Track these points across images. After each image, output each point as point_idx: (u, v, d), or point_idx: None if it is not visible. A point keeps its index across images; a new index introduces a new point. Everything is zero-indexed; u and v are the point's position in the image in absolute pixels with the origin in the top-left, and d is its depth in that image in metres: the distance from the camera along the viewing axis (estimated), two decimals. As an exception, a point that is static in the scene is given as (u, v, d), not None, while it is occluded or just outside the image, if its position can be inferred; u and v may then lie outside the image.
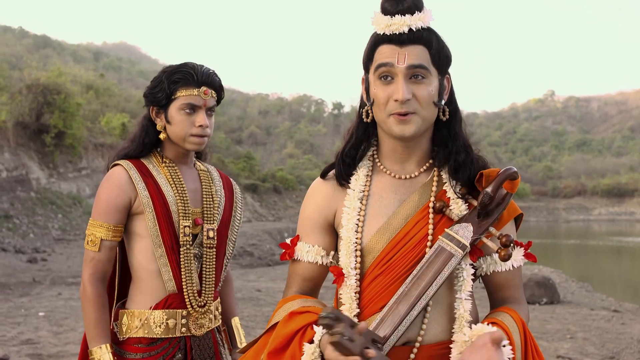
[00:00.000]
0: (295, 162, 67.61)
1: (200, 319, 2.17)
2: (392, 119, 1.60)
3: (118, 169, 2.15)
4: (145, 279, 2.14)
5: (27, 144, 22.67)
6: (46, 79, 23.76)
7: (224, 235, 2.27)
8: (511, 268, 1.66)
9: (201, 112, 2.13)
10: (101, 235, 2.11)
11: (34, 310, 8.52)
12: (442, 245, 1.59)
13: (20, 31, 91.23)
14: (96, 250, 2.11)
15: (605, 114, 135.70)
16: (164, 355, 2.11)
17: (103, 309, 2.11)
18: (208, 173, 2.30)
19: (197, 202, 2.21)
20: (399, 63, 1.57)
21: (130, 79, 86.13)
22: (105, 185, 2.14)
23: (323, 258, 1.74)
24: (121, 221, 2.13)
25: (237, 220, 2.35)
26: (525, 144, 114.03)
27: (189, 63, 2.15)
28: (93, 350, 2.07)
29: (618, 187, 75.22)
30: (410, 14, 1.58)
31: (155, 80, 2.16)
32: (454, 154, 1.66)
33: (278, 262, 17.51)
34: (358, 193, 1.70)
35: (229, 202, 2.33)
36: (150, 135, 2.20)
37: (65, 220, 21.13)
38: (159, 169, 2.19)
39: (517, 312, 1.63)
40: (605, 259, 25.52)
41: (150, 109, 2.18)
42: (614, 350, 7.01)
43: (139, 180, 2.12)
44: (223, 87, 2.22)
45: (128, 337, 2.12)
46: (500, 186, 1.59)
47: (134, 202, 2.13)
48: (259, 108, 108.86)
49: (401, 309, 1.55)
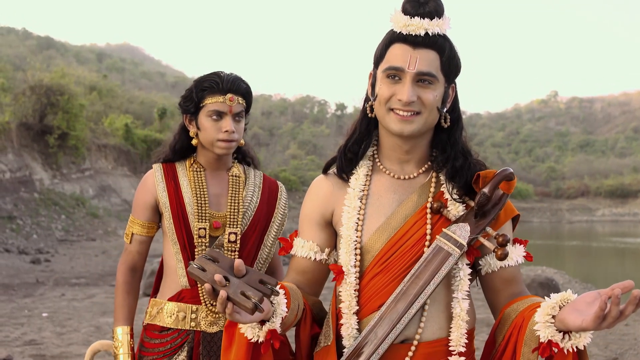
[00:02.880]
0: (298, 163, 67.60)
1: (212, 317, 2.24)
2: (392, 115, 1.63)
3: (149, 171, 2.36)
4: (168, 273, 2.31)
5: (31, 145, 22.73)
6: (49, 80, 23.83)
7: (252, 238, 2.31)
8: (517, 263, 1.68)
9: (227, 118, 2.22)
10: (132, 230, 2.34)
11: (37, 311, 8.54)
12: (440, 245, 1.62)
13: (24, 32, 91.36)
14: (128, 242, 2.36)
15: (609, 114, 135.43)
16: (172, 344, 2.23)
17: (127, 295, 2.34)
18: (239, 178, 2.36)
19: (220, 206, 2.30)
20: (409, 68, 1.59)
21: (134, 80, 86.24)
22: (139, 185, 2.38)
23: (317, 254, 1.77)
24: (151, 218, 2.33)
25: (277, 226, 2.40)
26: (529, 144, 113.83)
27: (218, 72, 2.26)
28: (114, 330, 2.31)
29: (621, 188, 75.01)
30: (429, 19, 1.60)
31: (187, 90, 2.30)
32: (452, 158, 1.69)
33: (284, 262, 17.51)
34: (358, 192, 1.72)
35: (266, 207, 2.38)
36: (181, 142, 2.35)
37: (69, 221, 21.17)
38: (186, 172, 2.32)
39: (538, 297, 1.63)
40: (609, 260, 25.45)
41: (184, 117, 2.32)
42: (617, 351, 7.00)
43: (160, 182, 2.30)
44: (251, 93, 2.31)
45: (148, 323, 2.30)
46: (496, 187, 1.61)
47: (159, 202, 2.30)
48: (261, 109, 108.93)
49: (399, 307, 1.58)
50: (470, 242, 1.62)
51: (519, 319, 1.58)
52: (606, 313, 1.37)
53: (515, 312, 1.61)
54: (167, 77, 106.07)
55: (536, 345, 1.51)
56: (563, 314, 1.46)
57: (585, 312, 1.41)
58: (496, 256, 1.60)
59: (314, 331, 1.76)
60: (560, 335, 1.48)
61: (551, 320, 1.48)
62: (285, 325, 1.57)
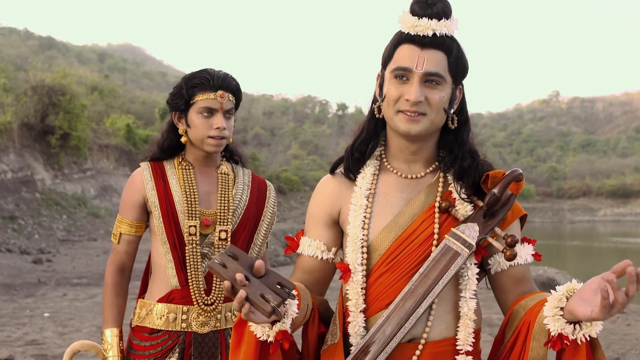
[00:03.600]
0: (299, 163, 67.58)
1: (204, 317, 2.21)
2: (400, 116, 1.63)
3: (137, 170, 2.33)
4: (157, 273, 2.27)
5: (32, 145, 22.75)
6: (51, 80, 23.84)
7: (242, 237, 2.30)
8: (526, 262, 1.68)
9: (218, 115, 2.21)
10: (121, 230, 2.30)
11: (39, 311, 8.55)
12: (449, 244, 1.62)
13: (26, 33, 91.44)
14: (116, 242, 2.31)
15: (610, 114, 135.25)
16: (163, 346, 2.20)
17: (116, 296, 2.29)
18: (229, 176, 2.34)
19: (210, 203, 2.28)
20: (417, 68, 1.60)
21: (135, 80, 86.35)
22: (126, 184, 2.34)
23: (323, 253, 1.76)
24: (139, 218, 2.29)
25: (266, 224, 2.37)
26: (530, 144, 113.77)
27: (207, 69, 2.24)
28: (103, 332, 2.26)
29: (623, 187, 74.93)
30: (437, 19, 1.61)
31: (176, 87, 2.27)
32: (459, 159, 1.69)
33: (282, 262, 17.53)
34: (365, 191, 1.72)
35: (255, 206, 2.36)
36: (170, 140, 2.32)
37: (70, 221, 21.19)
38: (175, 171, 2.29)
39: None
40: (611, 260, 25.41)
41: (173, 114, 2.29)
42: (619, 351, 6.99)
43: (149, 181, 2.27)
44: (240, 90, 2.30)
45: (136, 325, 2.26)
46: (506, 187, 1.61)
47: (148, 201, 2.26)
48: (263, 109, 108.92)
49: (408, 306, 1.58)
50: (479, 242, 1.62)
51: (528, 315, 1.58)
52: (612, 301, 1.37)
53: (524, 308, 1.61)
54: (169, 77, 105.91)
55: (546, 339, 1.51)
56: (572, 305, 1.46)
57: (593, 301, 1.41)
58: (505, 257, 1.61)
59: (320, 330, 1.75)
60: (570, 327, 1.48)
61: (560, 312, 1.48)
62: (294, 325, 1.57)
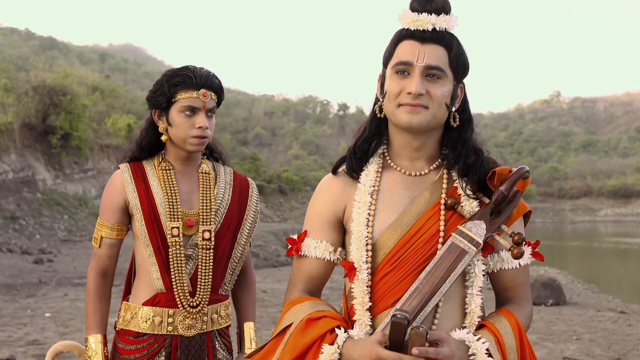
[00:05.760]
0: (300, 163, 67.64)
1: (190, 320, 2.18)
2: (401, 108, 1.63)
3: (117, 172, 2.26)
4: (141, 276, 2.22)
5: (34, 145, 22.76)
6: (52, 80, 23.86)
7: (226, 237, 2.25)
8: (518, 266, 1.69)
9: (201, 114, 2.16)
10: (102, 233, 2.24)
11: (40, 311, 8.54)
12: (455, 242, 1.61)
13: (27, 33, 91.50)
14: (97, 246, 2.25)
15: (612, 114, 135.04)
16: (149, 350, 2.16)
17: (99, 302, 2.24)
18: (210, 175, 2.29)
19: (192, 203, 2.23)
20: (417, 61, 1.61)
21: (136, 80, 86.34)
22: (106, 187, 2.27)
23: (331, 254, 1.74)
24: (120, 220, 2.23)
25: (249, 224, 2.32)
26: (531, 144, 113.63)
27: (189, 66, 2.19)
28: (87, 338, 2.21)
29: (624, 188, 74.90)
30: (436, 14, 1.63)
31: (156, 84, 2.21)
32: (463, 156, 1.68)
33: (283, 263, 17.54)
34: (368, 188, 1.71)
35: (238, 204, 2.31)
36: (149, 138, 2.26)
37: (71, 221, 21.20)
38: (155, 172, 2.24)
39: (515, 314, 1.65)
40: (612, 260, 25.41)
41: (153, 112, 2.23)
42: (620, 351, 6.99)
43: (130, 183, 2.21)
44: (223, 88, 2.25)
45: (121, 328, 2.22)
46: (514, 185, 1.61)
47: (129, 204, 2.21)
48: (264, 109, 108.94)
49: (415, 305, 1.57)
50: (486, 240, 1.62)
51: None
52: None
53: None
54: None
55: None
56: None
57: None
58: (512, 255, 1.60)
59: None
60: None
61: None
62: None
